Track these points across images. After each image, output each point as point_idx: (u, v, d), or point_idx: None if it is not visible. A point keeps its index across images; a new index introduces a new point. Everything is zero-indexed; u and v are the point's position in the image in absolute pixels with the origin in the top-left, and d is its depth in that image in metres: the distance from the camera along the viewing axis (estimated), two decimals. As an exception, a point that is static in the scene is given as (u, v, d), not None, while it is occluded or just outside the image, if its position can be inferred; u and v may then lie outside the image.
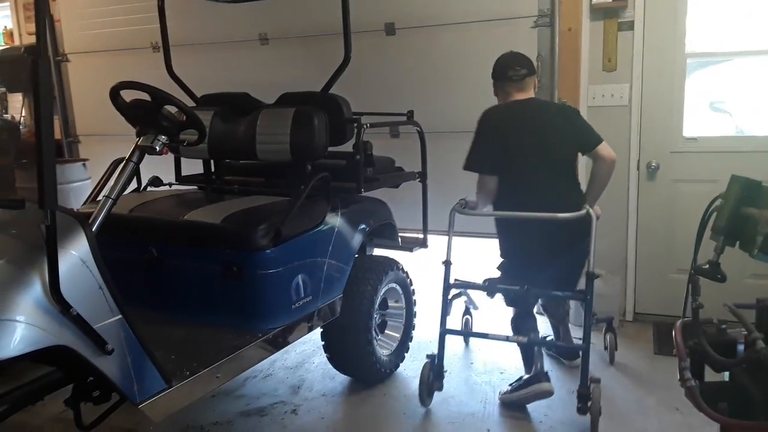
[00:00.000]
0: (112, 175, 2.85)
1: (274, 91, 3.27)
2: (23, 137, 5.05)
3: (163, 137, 2.24)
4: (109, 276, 1.89)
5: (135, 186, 3.13)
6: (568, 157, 2.86)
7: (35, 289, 1.73)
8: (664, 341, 3.43)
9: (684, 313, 1.50)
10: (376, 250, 3.38)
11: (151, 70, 3.66)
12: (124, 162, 2.21)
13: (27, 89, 5.13)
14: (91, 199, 2.96)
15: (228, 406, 2.91)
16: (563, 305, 3.22)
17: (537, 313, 3.10)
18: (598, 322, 3.19)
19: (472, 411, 2.83)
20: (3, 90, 5.73)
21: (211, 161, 3.35)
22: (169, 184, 3.39)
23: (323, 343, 2.98)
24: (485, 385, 3.07)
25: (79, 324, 1.78)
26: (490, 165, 2.77)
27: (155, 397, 2.00)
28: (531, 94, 2.88)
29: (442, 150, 3.62)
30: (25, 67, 2.80)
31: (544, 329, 3.15)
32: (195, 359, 2.22)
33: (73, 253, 1.82)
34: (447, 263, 2.87)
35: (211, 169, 3.37)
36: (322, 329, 2.88)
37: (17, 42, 5.66)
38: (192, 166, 3.42)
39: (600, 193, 2.85)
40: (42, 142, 1.70)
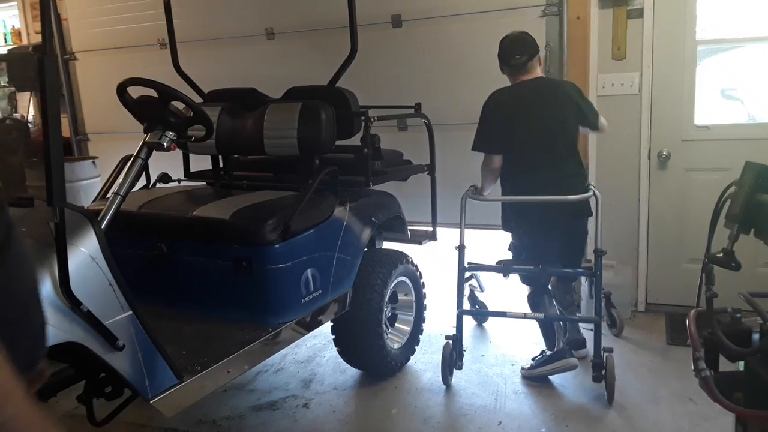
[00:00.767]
0: (121, 172, 2.86)
1: (281, 86, 3.26)
2: (32, 136, 5.08)
3: (170, 133, 2.24)
4: (118, 272, 1.89)
5: (144, 182, 3.14)
6: (573, 135, 2.94)
7: (45, 286, 1.73)
8: (677, 331, 3.40)
9: (698, 302, 1.48)
10: (386, 243, 3.37)
11: (158, 67, 3.67)
12: (133, 159, 2.22)
13: (35, 88, 5.16)
14: (101, 196, 2.96)
15: (239, 401, 2.92)
16: (570, 292, 3.22)
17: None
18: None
19: (484, 403, 2.82)
20: (12, 89, 5.77)
21: (219, 157, 3.36)
22: (178, 180, 3.39)
23: (334, 336, 2.98)
24: (497, 377, 3.06)
25: (90, 321, 1.79)
26: (497, 145, 2.86)
27: (167, 392, 2.01)
28: (537, 74, 2.94)
29: (450, 142, 3.61)
30: (33, 66, 2.81)
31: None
32: (206, 354, 2.22)
33: (82, 250, 1.83)
34: (461, 247, 2.95)
35: (220, 164, 3.37)
36: (332, 323, 2.88)
37: (25, 41, 5.69)
38: (200, 162, 3.42)
39: None
40: (50, 140, 1.70)
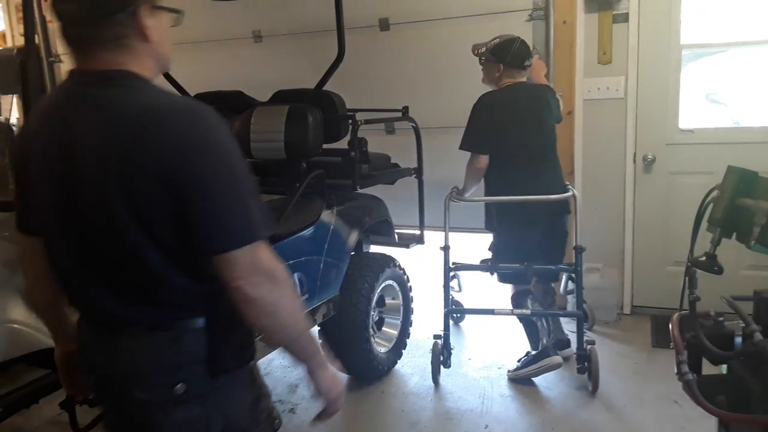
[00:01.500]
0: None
1: (267, 89, 3.25)
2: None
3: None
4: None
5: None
6: (554, 137, 3.03)
7: (27, 291, 1.72)
8: (662, 334, 3.42)
9: (681, 305, 1.49)
10: (373, 247, 3.37)
11: None
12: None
13: (19, 90, 5.10)
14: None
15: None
16: (551, 293, 3.24)
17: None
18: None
19: (471, 407, 2.83)
20: (-5, 91, 5.71)
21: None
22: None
23: (320, 340, 2.97)
24: (483, 380, 3.07)
25: (73, 326, 1.77)
26: (486, 146, 2.89)
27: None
28: (524, 78, 3.00)
29: (436, 145, 3.61)
30: (16, 68, 2.78)
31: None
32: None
33: (65, 254, 1.81)
34: (446, 248, 2.99)
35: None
36: (319, 327, 2.87)
37: (10, 44, 5.63)
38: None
39: None
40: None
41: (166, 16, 1.19)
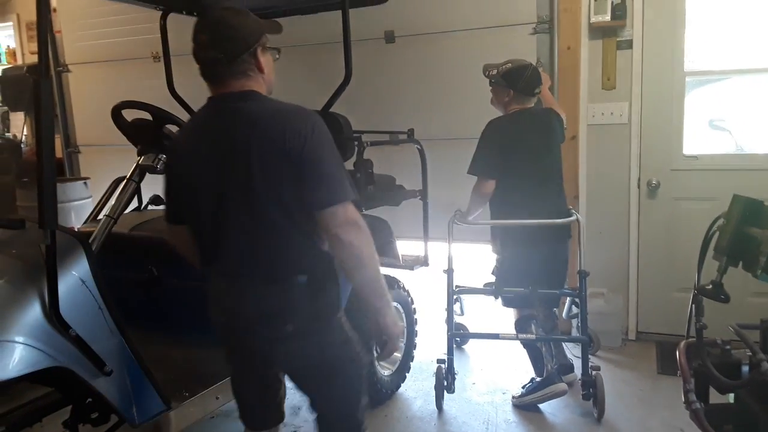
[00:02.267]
0: (113, 194, 2.86)
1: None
2: (24, 156, 5.07)
3: (164, 156, 2.24)
4: (109, 296, 1.88)
5: (136, 204, 3.13)
6: (561, 162, 3.04)
7: (35, 309, 1.73)
8: (668, 360, 3.40)
9: (687, 333, 1.49)
10: (377, 268, 3.36)
11: (152, 80, 3.64)
12: (126, 181, 2.22)
13: (29, 108, 5.15)
14: (92, 217, 2.95)
15: (227, 428, 2.87)
16: (553, 318, 3.22)
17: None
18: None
19: (475, 432, 2.80)
20: (5, 109, 5.77)
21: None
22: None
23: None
24: (487, 405, 3.05)
25: (79, 345, 1.77)
26: (494, 171, 2.88)
27: (154, 419, 1.98)
28: (532, 104, 3.00)
29: (442, 157, 3.60)
30: (27, 87, 2.81)
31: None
32: (194, 380, 2.21)
33: (73, 273, 1.82)
34: (450, 270, 2.99)
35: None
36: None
37: (20, 61, 5.71)
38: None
39: None
40: (43, 163, 1.70)
41: (270, 54, 1.72)
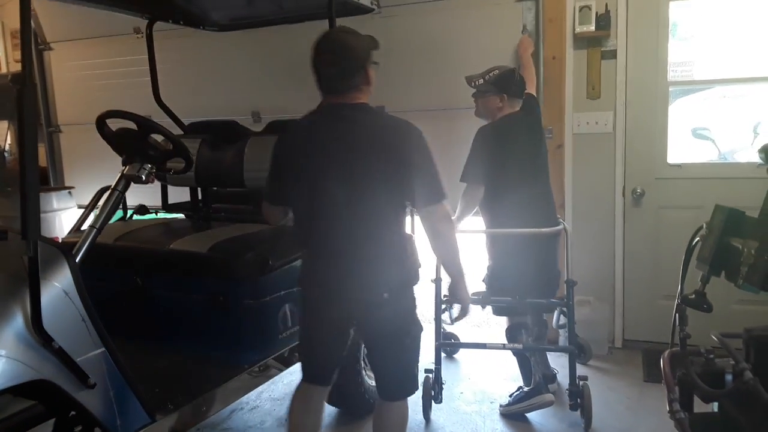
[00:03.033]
0: (98, 204, 2.83)
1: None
2: (8, 165, 5.01)
3: (149, 166, 2.23)
4: (92, 308, 1.86)
5: (120, 214, 3.11)
6: (548, 168, 3.10)
7: (17, 321, 1.70)
8: (654, 368, 3.42)
9: (672, 342, 1.50)
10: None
11: (135, 56, 3.58)
12: (110, 191, 2.19)
13: (12, 117, 5.09)
14: (76, 227, 2.93)
15: (213, 439, 2.86)
16: (542, 325, 3.23)
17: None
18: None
19: (462, 441, 2.80)
20: (-11, 117, 5.70)
21: (198, 189, 3.34)
22: (155, 212, 3.36)
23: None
24: (475, 414, 3.04)
25: (61, 357, 1.75)
26: (485, 177, 2.90)
27: (138, 432, 1.96)
28: (520, 106, 3.03)
29: (430, 128, 3.51)
30: (10, 95, 2.78)
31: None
32: (180, 392, 2.18)
33: (55, 284, 1.80)
34: (438, 280, 2.98)
35: (198, 196, 3.35)
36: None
37: (4, 69, 5.65)
38: (179, 193, 3.40)
39: None
40: (26, 173, 1.69)
41: (374, 69, 2.00)
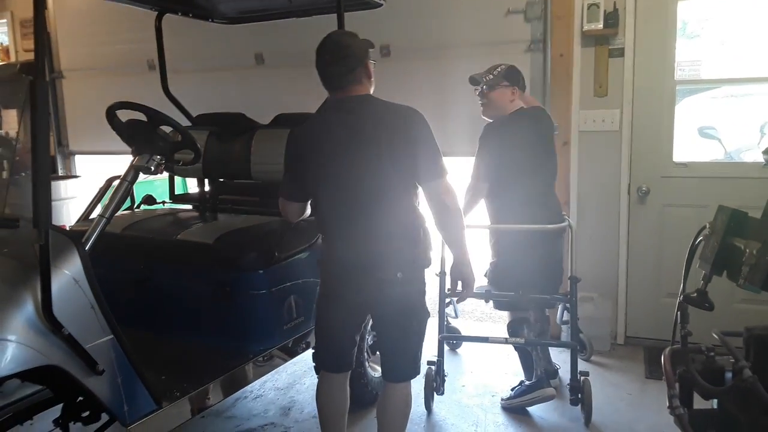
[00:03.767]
0: (106, 193, 2.86)
1: (269, 112, 3.28)
2: (18, 153, 5.04)
3: (158, 157, 2.25)
4: (101, 295, 1.89)
5: (128, 204, 3.14)
6: (556, 161, 3.09)
7: (27, 308, 1.73)
8: (655, 365, 3.44)
9: (673, 339, 1.51)
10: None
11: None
12: (119, 181, 2.22)
13: (21, 106, 5.12)
14: (84, 216, 2.96)
15: (218, 427, 2.89)
16: (544, 321, 3.25)
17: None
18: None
19: (463, 434, 2.82)
20: (-2, 106, 5.74)
21: (206, 180, 3.36)
22: (163, 203, 3.39)
23: (314, 363, 2.96)
24: (477, 407, 3.07)
25: (70, 344, 1.78)
26: (492, 172, 2.89)
27: (145, 418, 1.99)
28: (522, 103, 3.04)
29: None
30: (20, 84, 2.80)
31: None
32: (186, 380, 2.21)
33: (65, 272, 1.83)
34: (442, 274, 2.99)
35: (206, 187, 3.38)
36: (313, 350, 2.87)
37: (13, 58, 5.68)
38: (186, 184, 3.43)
39: None
40: (38, 162, 1.71)
41: (372, 64, 2.16)
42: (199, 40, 4.28)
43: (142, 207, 3.27)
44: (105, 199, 2.55)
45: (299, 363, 3.43)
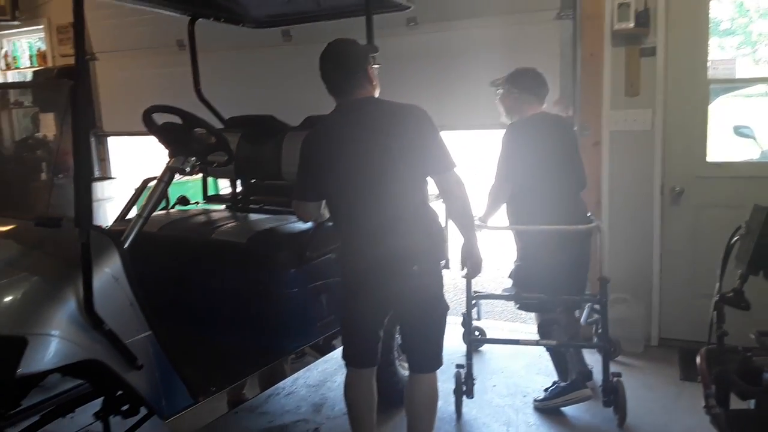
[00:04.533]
0: (141, 194, 2.93)
1: (301, 111, 3.30)
2: (57, 156, 5.18)
3: (192, 159, 2.30)
4: (140, 293, 1.94)
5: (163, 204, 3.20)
6: (581, 163, 3.05)
7: (70, 305, 1.79)
8: (690, 367, 3.36)
9: (709, 339, 1.50)
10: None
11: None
12: (156, 182, 2.28)
13: (58, 109, 5.24)
14: (121, 217, 3.03)
15: (251, 423, 2.93)
16: (574, 324, 3.22)
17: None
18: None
19: (494, 434, 2.82)
20: (36, 109, 5.89)
21: (237, 181, 3.42)
22: (196, 203, 3.46)
23: (343, 360, 2.99)
24: (508, 408, 3.06)
25: (111, 339, 1.83)
26: (515, 176, 2.89)
27: (182, 413, 2.04)
28: (543, 106, 3.00)
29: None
30: (57, 89, 2.90)
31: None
32: (221, 376, 2.26)
33: (106, 270, 1.89)
34: (468, 276, 2.91)
35: (237, 188, 3.44)
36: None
37: (50, 63, 5.84)
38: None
39: None
40: (80, 164, 1.77)
41: (374, 68, 2.28)
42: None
43: (177, 207, 3.34)
44: (141, 200, 2.61)
45: (330, 361, 3.46)
